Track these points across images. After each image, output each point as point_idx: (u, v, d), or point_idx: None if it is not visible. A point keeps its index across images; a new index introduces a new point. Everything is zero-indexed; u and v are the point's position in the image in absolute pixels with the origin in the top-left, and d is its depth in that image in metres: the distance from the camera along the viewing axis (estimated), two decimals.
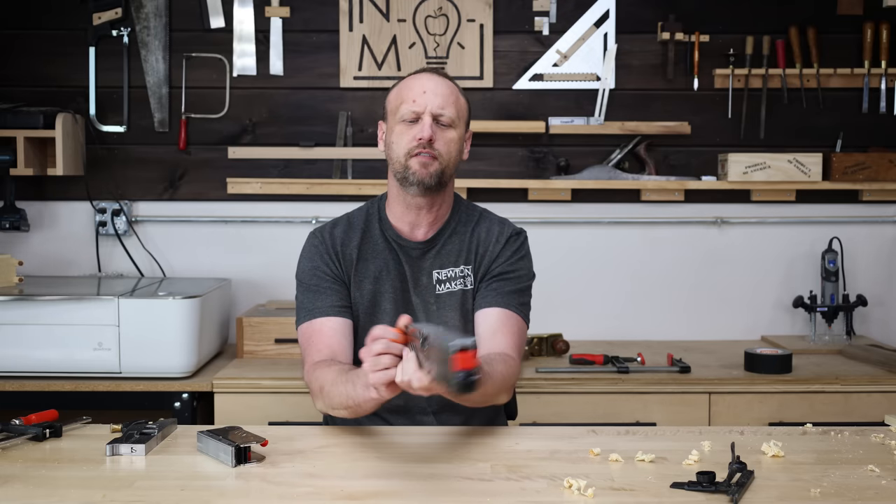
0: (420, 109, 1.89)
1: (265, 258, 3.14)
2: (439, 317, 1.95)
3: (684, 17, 3.13)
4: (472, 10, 3.14)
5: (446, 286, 1.97)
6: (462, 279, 1.97)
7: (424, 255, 1.98)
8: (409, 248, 1.98)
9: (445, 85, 1.93)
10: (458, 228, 2.00)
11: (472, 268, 1.98)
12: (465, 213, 2.03)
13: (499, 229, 2.01)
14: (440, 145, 1.90)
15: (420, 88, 1.91)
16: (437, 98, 1.90)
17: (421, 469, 1.56)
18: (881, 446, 1.70)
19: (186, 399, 2.55)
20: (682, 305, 3.21)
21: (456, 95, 1.94)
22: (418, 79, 1.94)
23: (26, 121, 2.93)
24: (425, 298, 1.97)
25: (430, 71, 1.98)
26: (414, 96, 1.90)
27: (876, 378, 2.65)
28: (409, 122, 1.90)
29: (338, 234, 1.99)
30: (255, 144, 3.16)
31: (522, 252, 2.01)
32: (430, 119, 1.89)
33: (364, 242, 1.99)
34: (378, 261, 1.98)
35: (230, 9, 3.13)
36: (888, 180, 3.10)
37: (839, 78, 3.15)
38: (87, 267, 3.16)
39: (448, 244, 1.99)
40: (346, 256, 1.97)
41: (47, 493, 1.44)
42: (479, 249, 1.98)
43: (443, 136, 1.90)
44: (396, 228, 1.98)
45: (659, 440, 1.73)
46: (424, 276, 1.98)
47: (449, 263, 1.98)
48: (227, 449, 1.57)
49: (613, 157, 3.14)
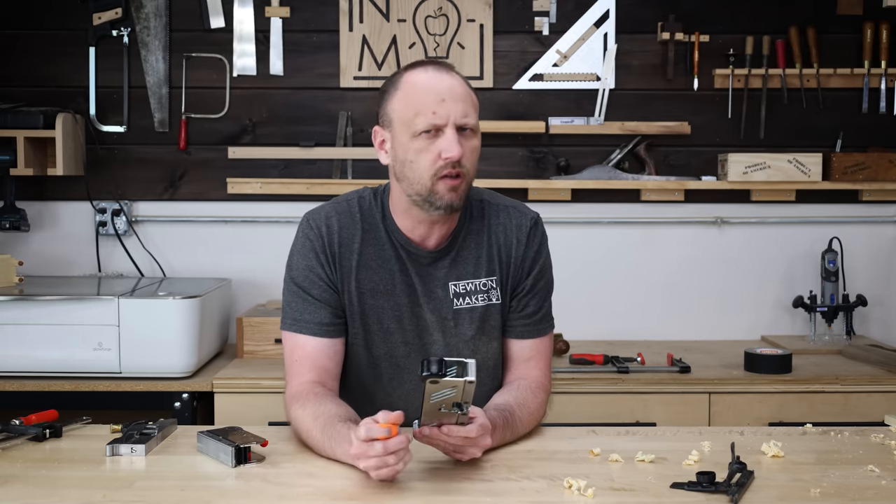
0: (442, 122, 1.64)
1: (265, 258, 3.14)
2: (457, 334, 1.79)
3: (684, 17, 3.13)
4: (472, 10, 3.14)
5: (465, 301, 1.78)
6: (486, 293, 1.80)
7: (437, 263, 1.78)
8: (419, 256, 1.77)
9: (459, 85, 1.69)
10: (472, 228, 1.80)
11: (496, 279, 1.80)
12: (474, 207, 1.82)
13: (516, 222, 1.81)
14: (465, 160, 1.67)
15: (437, 95, 1.65)
16: (457, 104, 1.65)
17: (421, 469, 1.56)
18: (881, 446, 1.70)
19: (186, 399, 2.55)
20: (682, 305, 3.21)
21: (471, 94, 1.70)
22: (428, 77, 1.68)
23: (26, 121, 2.93)
24: (441, 314, 1.78)
25: (437, 65, 1.71)
26: (433, 106, 1.64)
27: (876, 378, 2.65)
28: (429, 136, 1.65)
29: (335, 229, 1.77)
30: (255, 144, 3.16)
31: (545, 247, 1.85)
32: (454, 133, 1.64)
33: (366, 245, 1.77)
34: (383, 272, 1.77)
35: (230, 9, 3.13)
36: (888, 180, 3.09)
37: (839, 78, 3.15)
38: (87, 267, 3.16)
39: (464, 250, 1.79)
40: (343, 261, 1.76)
41: (47, 493, 1.44)
42: (501, 255, 1.80)
43: (468, 147, 1.67)
44: (406, 235, 1.77)
45: (659, 440, 1.73)
46: (439, 288, 1.78)
47: (468, 275, 1.79)
48: (227, 449, 1.57)
49: (613, 157, 3.14)
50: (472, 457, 1.56)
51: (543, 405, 1.82)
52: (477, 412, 1.54)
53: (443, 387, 1.43)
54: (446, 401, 1.46)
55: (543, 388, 1.84)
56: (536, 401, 1.79)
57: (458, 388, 1.44)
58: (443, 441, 1.51)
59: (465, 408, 1.47)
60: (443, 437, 1.50)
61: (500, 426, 1.64)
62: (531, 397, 1.78)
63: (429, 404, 1.45)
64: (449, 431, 1.50)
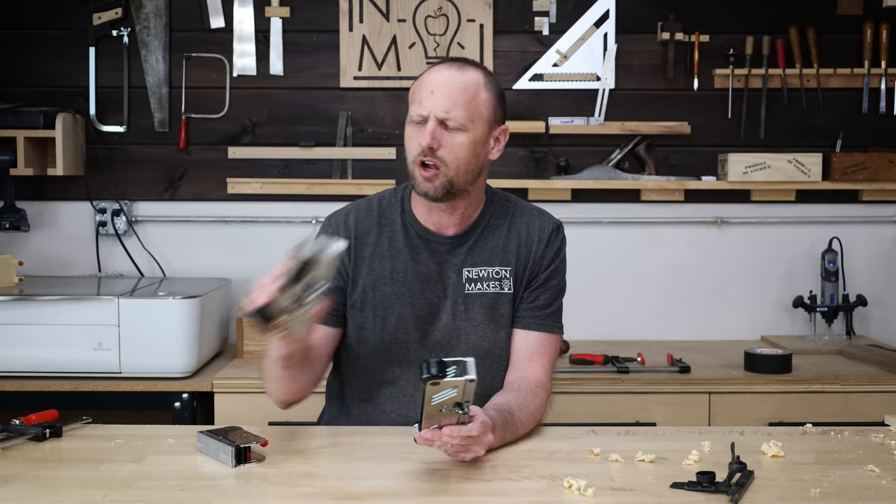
0: (425, 113, 1.75)
1: (265, 258, 3.07)
2: (466, 318, 1.85)
3: (684, 17, 3.13)
4: (472, 10, 3.14)
5: (477, 286, 1.85)
6: (497, 281, 1.86)
7: (454, 250, 1.86)
8: (436, 242, 1.86)
9: (461, 81, 1.76)
10: (492, 222, 1.89)
11: (511, 269, 1.86)
12: (498, 204, 1.91)
13: (539, 223, 1.90)
14: (445, 152, 1.75)
15: (429, 87, 1.76)
16: (443, 99, 1.74)
17: (421, 469, 1.56)
18: (881, 446, 1.70)
19: (186, 399, 2.55)
20: (683, 305, 3.21)
21: (473, 92, 1.76)
22: (435, 73, 1.78)
23: (26, 121, 2.93)
24: (453, 298, 1.85)
25: (453, 61, 1.81)
26: (422, 96, 1.76)
27: (876, 378, 2.65)
28: (417, 124, 1.77)
29: (352, 223, 1.88)
30: (255, 144, 3.16)
31: (563, 251, 1.93)
32: (433, 125, 1.74)
33: (382, 237, 1.87)
34: (397, 260, 1.86)
35: (230, 9, 3.13)
36: (888, 180, 3.09)
37: (839, 78, 3.15)
38: (87, 267, 3.16)
39: (482, 240, 1.87)
40: (358, 252, 1.86)
41: (47, 493, 1.44)
42: (520, 250, 1.87)
43: (450, 142, 1.76)
44: (423, 224, 1.87)
45: (659, 440, 1.73)
46: (454, 273, 1.86)
47: (482, 262, 1.86)
48: (227, 449, 1.57)
49: (613, 157, 3.14)
50: (475, 455, 1.57)
51: (543, 406, 1.83)
52: (476, 410, 1.55)
53: (443, 388, 1.44)
54: (447, 402, 1.46)
55: (544, 388, 1.84)
56: (536, 401, 1.80)
57: (459, 388, 1.45)
58: (446, 442, 1.51)
59: (465, 407, 1.48)
60: (445, 439, 1.50)
61: (500, 426, 1.65)
62: (531, 398, 1.79)
63: (429, 407, 1.45)
64: (451, 432, 1.50)
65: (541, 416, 1.82)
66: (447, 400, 1.45)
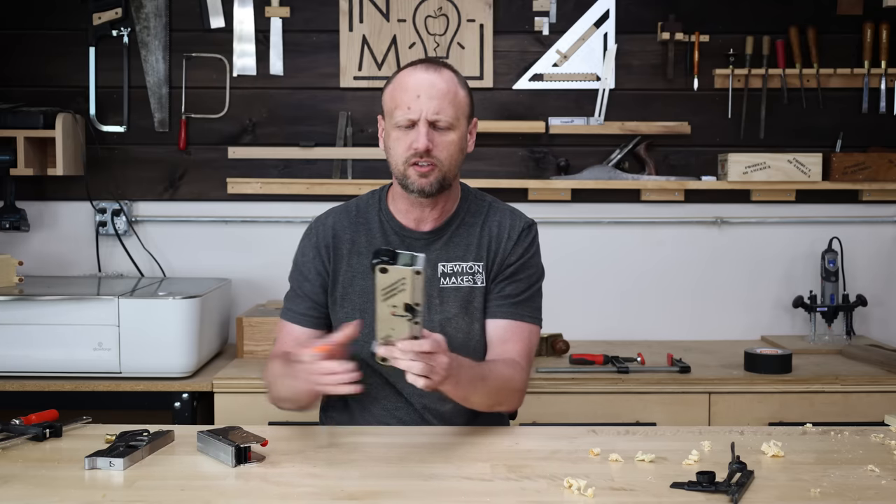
0: (415, 117, 1.80)
1: (265, 258, 3.14)
2: (442, 311, 1.90)
3: (684, 17, 3.13)
4: (472, 10, 3.14)
5: (451, 280, 1.90)
6: (471, 276, 1.91)
7: (430, 245, 1.91)
8: (412, 238, 1.91)
9: (442, 82, 1.82)
10: (466, 219, 1.94)
11: (483, 265, 1.92)
12: (473, 202, 1.97)
13: (510, 222, 1.95)
14: (439, 151, 1.82)
15: (414, 91, 1.80)
16: (431, 102, 1.80)
17: (421, 469, 1.56)
18: (881, 446, 1.70)
19: (186, 399, 2.55)
20: (682, 305, 3.21)
21: (454, 91, 1.83)
22: (413, 76, 1.83)
23: (26, 121, 2.93)
24: (428, 292, 1.88)
25: (427, 63, 1.86)
26: (408, 101, 1.80)
27: (876, 378, 2.65)
28: (405, 128, 1.81)
29: (331, 224, 1.96)
30: (255, 144, 3.17)
31: (534, 248, 1.96)
32: (425, 128, 1.80)
33: (359, 235, 1.93)
34: None
35: (230, 9, 3.13)
36: (888, 180, 3.09)
37: (839, 78, 3.15)
38: (87, 267, 3.16)
39: (456, 236, 1.93)
40: (337, 250, 1.93)
41: (47, 493, 1.44)
42: (490, 245, 1.93)
43: (441, 141, 1.82)
44: (400, 221, 1.92)
45: (659, 440, 1.73)
46: (429, 267, 1.89)
47: (456, 257, 1.91)
48: (227, 449, 1.57)
49: (613, 157, 3.14)
50: (439, 379, 1.56)
51: (516, 376, 1.84)
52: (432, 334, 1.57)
53: (392, 278, 1.47)
54: (397, 300, 1.48)
55: (517, 364, 1.86)
56: (508, 369, 1.83)
57: (409, 280, 1.47)
58: (398, 358, 1.53)
59: (416, 312, 1.49)
60: (396, 354, 1.52)
61: (467, 365, 1.69)
62: (501, 364, 1.83)
63: (381, 306, 1.48)
64: (404, 346, 1.52)
65: (516, 386, 1.84)
66: (397, 298, 1.48)
